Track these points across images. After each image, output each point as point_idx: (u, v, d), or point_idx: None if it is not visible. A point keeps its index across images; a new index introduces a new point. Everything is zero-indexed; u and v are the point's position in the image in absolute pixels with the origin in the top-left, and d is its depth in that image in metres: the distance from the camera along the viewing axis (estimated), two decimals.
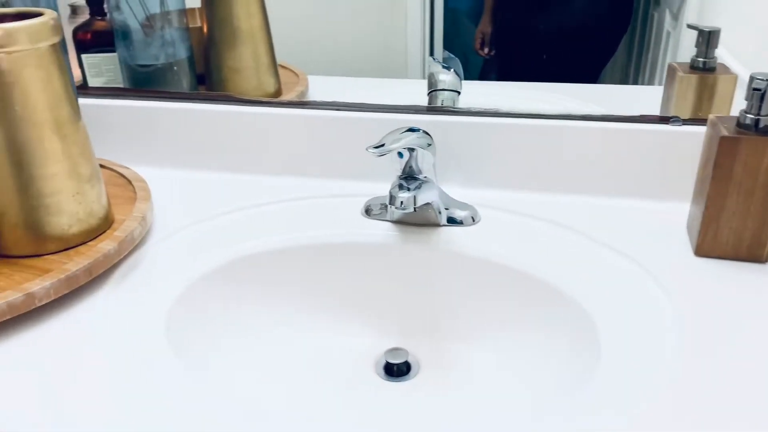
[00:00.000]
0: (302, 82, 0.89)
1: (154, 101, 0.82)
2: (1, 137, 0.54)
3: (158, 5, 0.84)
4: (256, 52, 0.86)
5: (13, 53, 0.52)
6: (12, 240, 0.57)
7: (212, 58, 0.86)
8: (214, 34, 0.85)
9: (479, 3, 0.83)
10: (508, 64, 0.85)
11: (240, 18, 0.84)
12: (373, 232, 0.67)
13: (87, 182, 0.59)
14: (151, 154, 0.82)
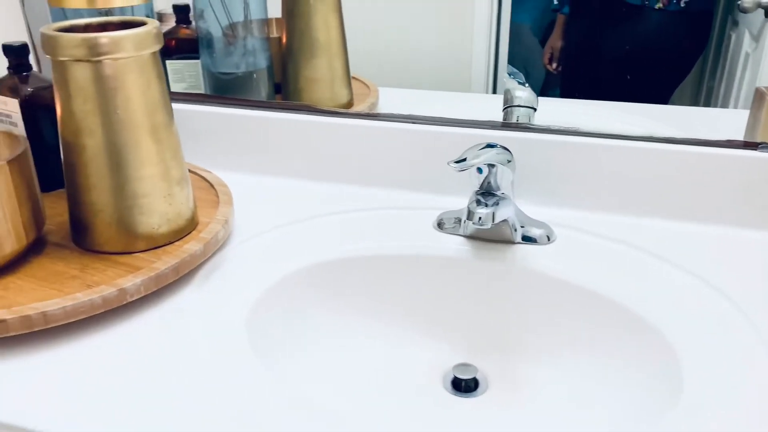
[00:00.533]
0: (373, 93, 0.90)
1: (235, 108, 0.85)
2: (103, 139, 0.56)
3: (242, 15, 0.87)
4: (331, 63, 0.87)
5: (118, 60, 0.55)
6: (105, 237, 0.59)
7: (290, 68, 0.88)
8: (293, 44, 0.87)
9: (543, 17, 0.83)
10: (575, 80, 0.84)
11: (319, 30, 0.85)
12: (446, 245, 0.67)
13: (177, 185, 0.61)
14: (231, 159, 0.84)
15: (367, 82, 0.90)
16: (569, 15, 0.81)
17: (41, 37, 0.55)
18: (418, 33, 0.84)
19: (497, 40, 0.83)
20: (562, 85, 0.84)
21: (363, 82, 0.90)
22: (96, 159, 0.57)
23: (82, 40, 0.53)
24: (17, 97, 0.69)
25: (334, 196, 0.78)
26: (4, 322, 0.49)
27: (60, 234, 0.64)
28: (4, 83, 0.70)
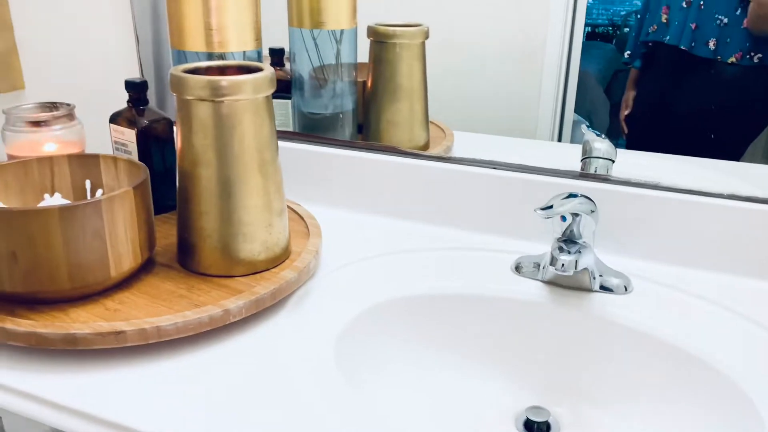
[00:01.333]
0: (448, 137, 0.94)
1: (322, 146, 0.90)
2: (217, 171, 0.62)
3: (333, 59, 0.93)
4: (412, 107, 0.92)
5: (238, 101, 0.60)
6: (211, 261, 0.64)
7: (372, 110, 0.93)
8: (378, 89, 0.92)
9: (608, 66, 0.84)
10: (645, 132, 0.84)
11: (403, 76, 0.90)
12: (524, 289, 0.69)
13: (277, 216, 0.66)
14: (317, 193, 0.89)
15: (441, 125, 0.94)
16: (641, 68, 0.83)
17: (170, 77, 0.62)
18: (489, 79, 0.87)
19: (565, 88, 0.85)
20: (631, 136, 0.85)
21: (437, 125, 0.94)
22: (209, 188, 0.63)
23: (207, 83, 0.59)
24: (134, 128, 0.76)
25: (413, 234, 0.81)
26: (123, 333, 0.54)
27: (166, 255, 0.69)
28: (122, 115, 0.77)
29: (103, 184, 0.70)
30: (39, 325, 0.55)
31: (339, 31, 0.91)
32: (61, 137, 0.75)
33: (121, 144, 0.77)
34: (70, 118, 0.76)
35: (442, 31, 0.86)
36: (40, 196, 0.68)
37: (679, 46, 0.79)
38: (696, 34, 0.78)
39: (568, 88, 0.84)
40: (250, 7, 0.71)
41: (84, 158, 0.69)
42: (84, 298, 0.59)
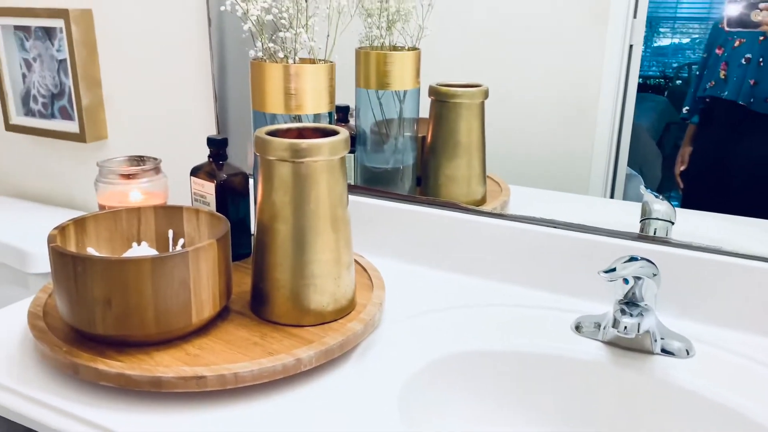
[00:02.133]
0: (505, 191, 0.97)
1: (385, 200, 0.94)
2: (293, 226, 0.66)
3: (396, 115, 0.98)
4: (470, 163, 0.95)
5: (317, 162, 0.65)
6: (282, 310, 0.68)
7: (431, 164, 0.96)
8: (437, 144, 0.96)
9: (660, 119, 0.84)
10: (702, 190, 0.83)
11: (462, 133, 0.94)
12: (584, 349, 0.70)
13: (346, 269, 0.69)
14: (377, 246, 0.93)
15: (497, 179, 0.97)
16: (698, 124, 0.83)
17: (255, 139, 0.67)
18: (542, 133, 0.89)
19: (618, 142, 0.86)
20: (687, 192, 0.85)
21: (493, 178, 0.97)
22: (285, 242, 0.67)
23: (289, 145, 0.64)
24: (213, 181, 0.81)
25: (473, 289, 0.84)
26: (204, 378, 0.58)
27: (239, 303, 0.73)
28: (203, 168, 0.83)
29: (184, 234, 0.75)
30: (127, 367, 0.59)
31: (403, 91, 0.96)
32: (147, 188, 0.81)
33: (201, 195, 0.83)
34: (156, 171, 0.82)
35: (497, 86, 0.89)
36: (127, 244, 0.73)
37: (737, 102, 0.79)
38: (755, 90, 0.78)
39: (622, 142, 0.84)
40: (326, 74, 0.76)
41: (168, 209, 0.74)
42: (167, 342, 0.63)
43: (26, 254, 1.00)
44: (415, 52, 0.94)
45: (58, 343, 0.62)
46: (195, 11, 1.00)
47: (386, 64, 0.94)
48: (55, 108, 1.15)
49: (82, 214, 0.70)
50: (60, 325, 0.66)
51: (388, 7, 0.92)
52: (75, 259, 0.59)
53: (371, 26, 0.93)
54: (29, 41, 1.13)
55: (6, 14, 1.11)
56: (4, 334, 0.70)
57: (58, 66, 1.12)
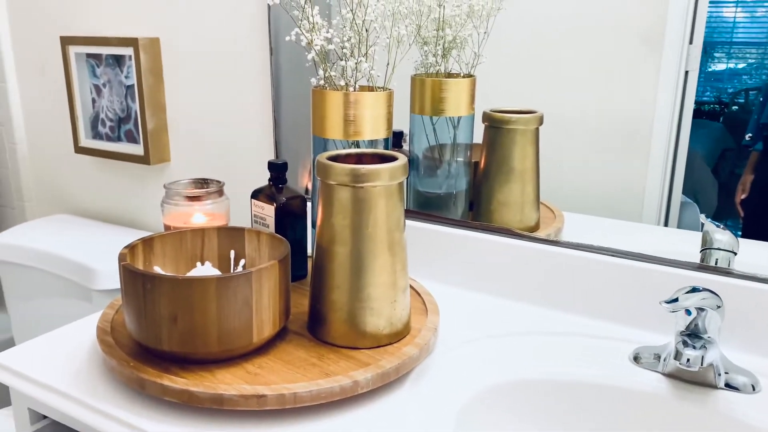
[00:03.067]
0: (558, 218, 0.96)
1: (438, 224, 0.94)
2: (351, 249, 0.67)
3: (450, 141, 0.99)
4: (524, 189, 0.95)
5: (376, 187, 0.66)
6: (339, 332, 0.69)
7: (484, 190, 0.97)
8: (491, 170, 0.96)
9: (716, 146, 0.83)
10: (765, 219, 0.81)
11: (516, 159, 0.94)
12: (643, 380, 0.69)
13: (402, 293, 0.70)
14: (430, 270, 0.93)
15: (550, 206, 0.96)
16: (762, 152, 0.81)
17: (317, 164, 0.68)
18: (595, 160, 0.88)
19: (673, 169, 0.85)
20: (748, 221, 0.82)
21: (546, 205, 0.96)
22: (343, 265, 0.68)
23: (350, 170, 0.66)
24: (273, 204, 0.83)
25: (527, 316, 0.83)
26: (264, 397, 0.59)
27: (296, 323, 0.74)
28: (263, 191, 0.85)
29: (245, 255, 0.77)
30: (191, 383, 0.61)
31: (457, 117, 0.97)
32: (210, 210, 0.84)
33: (261, 217, 0.85)
34: (219, 193, 0.85)
35: (550, 112, 0.89)
36: (191, 264, 0.76)
37: None
38: None
39: (676, 169, 0.83)
40: (384, 102, 0.78)
41: (230, 231, 0.77)
42: (228, 361, 0.65)
43: (92, 271, 1.05)
44: (470, 79, 0.95)
45: (126, 358, 0.64)
46: (257, 41, 1.03)
47: (441, 91, 0.95)
48: (121, 131, 1.21)
49: (149, 234, 0.73)
50: (127, 341, 0.68)
51: (444, 36, 0.93)
52: (144, 277, 0.62)
53: (427, 54, 0.95)
54: (100, 68, 1.19)
55: (81, 43, 1.18)
56: (74, 347, 0.73)
57: (125, 91, 1.17)
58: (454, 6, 0.91)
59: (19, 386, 0.68)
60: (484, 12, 0.91)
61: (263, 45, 1.03)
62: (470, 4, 0.91)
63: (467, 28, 0.92)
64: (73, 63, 1.20)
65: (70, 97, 1.22)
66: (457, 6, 0.91)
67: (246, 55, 1.05)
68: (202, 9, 1.07)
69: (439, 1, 0.91)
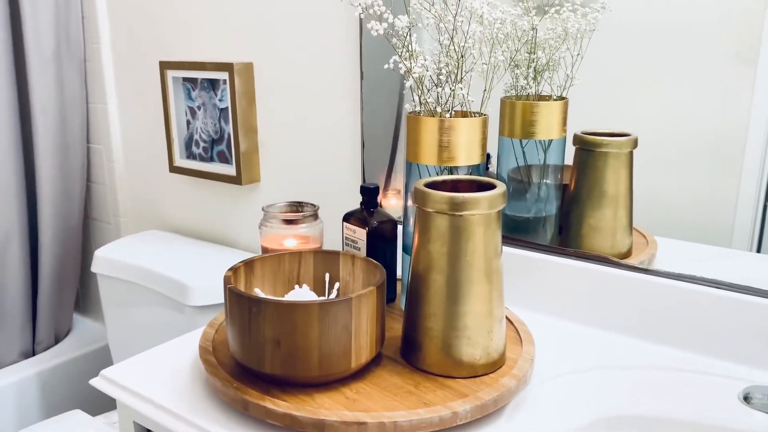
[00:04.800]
0: (651, 244, 0.92)
1: (526, 250, 0.93)
2: (448, 277, 0.67)
3: (540, 164, 0.97)
4: (617, 214, 0.92)
5: (474, 215, 0.66)
6: (434, 360, 0.69)
7: (574, 214, 0.94)
8: (581, 194, 0.94)
9: None
10: None
11: (609, 183, 0.91)
12: (755, 421, 0.65)
13: (498, 322, 0.69)
14: (518, 296, 0.92)
15: (641, 230, 0.93)
16: None
17: (414, 191, 0.69)
18: (685, 182, 0.84)
19: (767, 192, 0.81)
20: None
21: (636, 229, 0.93)
22: (439, 292, 0.68)
23: (449, 198, 0.66)
24: (365, 228, 0.84)
25: (625, 348, 0.80)
26: (365, 424, 0.60)
27: (389, 348, 0.75)
28: (355, 215, 0.87)
29: (339, 278, 0.78)
30: (293, 407, 0.62)
31: (548, 140, 0.95)
32: (305, 233, 0.86)
33: (352, 240, 0.86)
34: (314, 217, 0.86)
35: (639, 133, 0.87)
36: (288, 285, 0.78)
37: None
38: None
39: None
40: (479, 127, 0.78)
41: (326, 254, 0.78)
42: (326, 385, 0.66)
43: (185, 287, 1.09)
44: (562, 102, 0.93)
45: (229, 379, 0.66)
46: (348, 65, 1.05)
47: (532, 114, 0.94)
48: (214, 152, 1.25)
49: (251, 257, 0.76)
50: (228, 361, 0.70)
51: (536, 59, 0.92)
52: (250, 300, 0.64)
53: (518, 76, 0.94)
54: (195, 91, 1.25)
55: (178, 68, 1.24)
56: (176, 364, 0.76)
57: (219, 114, 1.22)
58: (547, 29, 0.90)
59: (125, 400, 0.71)
60: (578, 34, 0.90)
61: (353, 69, 1.05)
62: (564, 27, 0.90)
63: (561, 50, 0.91)
64: (171, 86, 1.26)
65: (166, 118, 1.28)
66: (551, 29, 0.90)
67: (335, 78, 1.08)
68: (295, 34, 1.11)
69: (533, 24, 0.90)
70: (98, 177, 1.51)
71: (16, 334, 1.43)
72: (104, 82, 1.42)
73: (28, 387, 1.41)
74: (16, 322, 1.43)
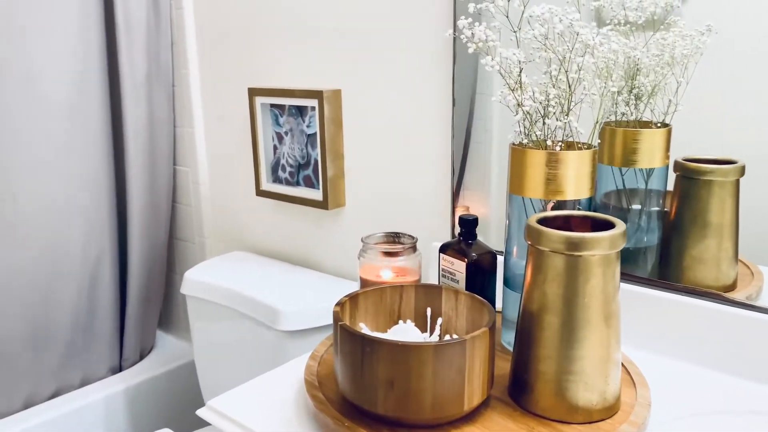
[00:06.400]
0: (757, 276, 0.87)
1: (629, 283, 0.89)
2: (564, 319, 0.65)
3: (640, 193, 0.93)
4: (722, 244, 0.87)
5: (594, 256, 0.63)
6: (547, 404, 0.67)
7: (675, 244, 0.90)
8: (683, 223, 0.90)
9: None
10: None
11: (713, 212, 0.87)
12: None
13: (615, 366, 0.66)
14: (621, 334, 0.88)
15: (744, 260, 0.88)
16: None
17: (528, 228, 0.67)
18: None
19: None
20: None
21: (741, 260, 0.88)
22: (554, 335, 0.65)
23: (566, 238, 0.64)
24: (463, 260, 0.83)
25: (735, 391, 0.76)
26: None
27: (496, 387, 0.73)
28: (452, 246, 0.85)
29: (441, 313, 0.77)
30: None
31: (649, 169, 0.92)
32: (403, 265, 0.85)
33: (449, 272, 0.85)
34: (413, 249, 0.86)
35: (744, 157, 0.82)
36: (389, 319, 0.77)
37: None
38: None
39: None
40: (589, 160, 0.75)
41: (428, 288, 0.77)
42: (436, 427, 0.65)
43: (277, 312, 1.10)
44: (666, 130, 0.90)
45: (340, 418, 0.66)
46: (438, 92, 1.05)
47: (634, 142, 0.91)
48: (300, 177, 1.27)
49: (355, 291, 0.75)
50: (335, 397, 0.70)
51: (639, 85, 0.89)
52: (364, 340, 0.63)
53: (618, 102, 0.91)
54: (282, 117, 1.27)
55: (267, 94, 1.26)
56: (280, 396, 0.76)
57: (306, 140, 1.23)
58: (653, 56, 0.87)
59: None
60: (685, 59, 0.86)
61: (444, 96, 1.04)
62: (672, 53, 0.86)
63: (666, 75, 0.88)
64: (259, 112, 1.28)
65: (254, 143, 1.30)
66: (658, 55, 0.87)
67: (425, 105, 1.07)
68: (384, 61, 1.11)
69: (637, 49, 0.87)
70: (184, 198, 1.55)
71: (106, 350, 1.48)
72: (191, 107, 1.46)
73: (116, 402, 1.45)
74: (106, 339, 1.48)
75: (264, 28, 1.28)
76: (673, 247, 0.92)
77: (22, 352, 1.33)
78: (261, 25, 1.28)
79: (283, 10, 1.23)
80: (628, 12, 0.88)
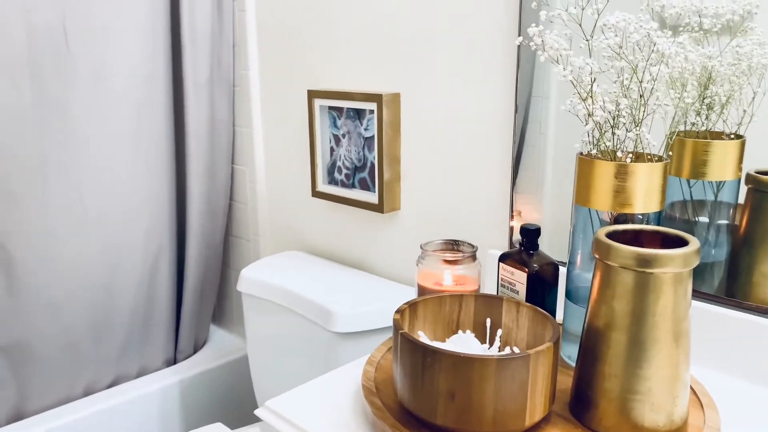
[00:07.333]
0: None
1: (698, 300, 0.86)
2: (631, 337, 0.63)
3: (708, 206, 0.90)
4: None
5: (666, 273, 0.61)
6: (612, 422, 0.65)
7: (744, 259, 0.87)
8: (754, 238, 0.86)
9: None
10: None
11: None
12: None
13: (684, 388, 0.64)
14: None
15: None
16: None
17: (596, 242, 0.65)
18: None
19: None
20: None
21: None
22: (621, 353, 0.64)
23: (637, 254, 0.62)
24: (524, 270, 0.82)
25: None
26: None
27: (558, 404, 0.71)
28: (513, 256, 0.84)
29: (501, 325, 0.76)
30: None
31: (719, 182, 0.88)
32: (462, 274, 0.84)
33: (509, 283, 0.84)
34: (473, 258, 0.85)
35: None
36: (447, 329, 0.76)
37: None
38: None
39: None
40: (660, 173, 0.73)
41: (489, 299, 0.76)
42: None
43: (330, 313, 1.10)
44: (739, 141, 0.86)
45: (398, 426, 0.66)
46: (501, 99, 1.03)
47: (705, 153, 0.88)
48: (355, 179, 1.27)
49: (415, 299, 0.75)
50: (393, 404, 0.70)
51: (711, 95, 0.86)
52: (426, 350, 0.63)
53: (688, 112, 0.88)
54: (340, 120, 1.27)
55: (326, 97, 1.27)
56: (337, 399, 0.76)
57: (364, 142, 1.24)
58: (729, 64, 0.84)
59: None
60: (762, 68, 0.83)
61: (507, 102, 1.03)
62: (749, 62, 0.83)
63: (742, 85, 0.84)
64: (317, 114, 1.29)
65: (312, 145, 1.31)
66: (734, 64, 0.84)
67: (486, 111, 1.06)
68: (444, 66, 1.10)
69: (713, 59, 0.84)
70: (240, 196, 1.58)
71: (162, 342, 1.52)
72: (250, 107, 1.49)
73: (170, 394, 1.49)
74: (162, 331, 1.52)
75: (324, 31, 1.29)
76: (742, 262, 0.88)
77: (86, 341, 1.38)
78: (321, 27, 1.29)
79: (344, 13, 1.24)
80: (702, 19, 0.85)
